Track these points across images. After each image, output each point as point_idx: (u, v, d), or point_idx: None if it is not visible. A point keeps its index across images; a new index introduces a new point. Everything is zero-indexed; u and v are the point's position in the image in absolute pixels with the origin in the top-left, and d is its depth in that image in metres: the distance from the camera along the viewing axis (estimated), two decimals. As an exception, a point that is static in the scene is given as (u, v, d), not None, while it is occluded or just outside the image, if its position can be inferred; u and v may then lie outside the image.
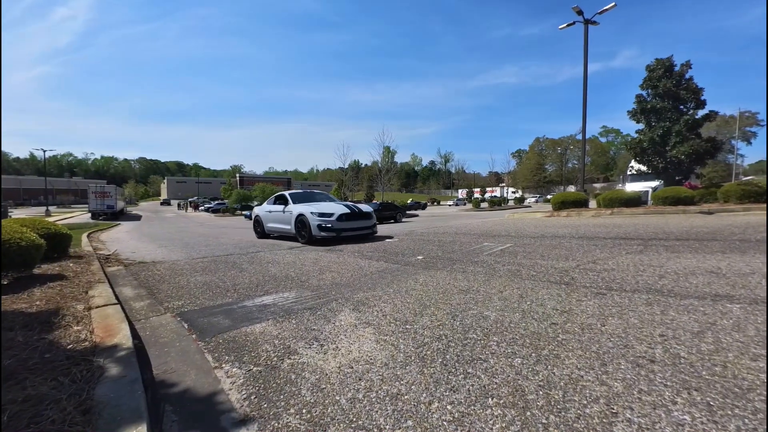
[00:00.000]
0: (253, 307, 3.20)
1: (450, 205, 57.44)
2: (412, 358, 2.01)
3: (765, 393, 1.48)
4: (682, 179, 21.18)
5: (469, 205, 46.98)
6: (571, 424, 1.39)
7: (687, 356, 1.91)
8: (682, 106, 20.98)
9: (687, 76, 20.78)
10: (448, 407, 1.54)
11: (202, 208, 53.41)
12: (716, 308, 2.56)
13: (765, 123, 54.43)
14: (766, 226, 5.92)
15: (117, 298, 3.53)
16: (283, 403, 1.66)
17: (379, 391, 1.69)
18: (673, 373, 1.74)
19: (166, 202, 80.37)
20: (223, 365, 2.10)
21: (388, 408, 1.56)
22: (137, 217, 36.83)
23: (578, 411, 1.47)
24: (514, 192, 72.77)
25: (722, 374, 1.72)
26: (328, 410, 1.58)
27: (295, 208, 8.66)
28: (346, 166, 35.18)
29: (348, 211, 8.28)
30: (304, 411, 1.59)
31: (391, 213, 21.09)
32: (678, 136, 20.45)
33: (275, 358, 2.13)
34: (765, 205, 10.82)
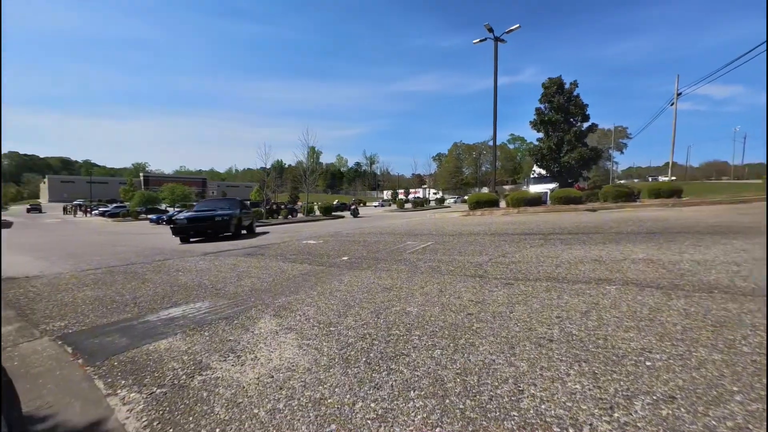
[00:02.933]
0: (157, 322, 2.85)
1: (375, 206, 58.45)
2: (336, 360, 1.98)
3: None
4: (573, 182, 24.54)
5: (394, 206, 48.36)
6: (485, 405, 1.49)
7: (578, 333, 2.19)
8: (572, 119, 24.33)
9: (575, 93, 24.16)
10: (372, 405, 1.54)
11: (96, 212, 46.34)
12: (599, 290, 2.99)
13: (632, 136, 65.81)
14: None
15: (-29, 323, 2.86)
16: (192, 425, 1.50)
17: (302, 398, 1.63)
18: (567, 349, 1.98)
19: (34, 208, 53.06)
20: (119, 391, 1.83)
21: (311, 414, 1.50)
22: (7, 224, 30.51)
23: (491, 392, 1.58)
24: (435, 193, 76.81)
25: (604, 346, 2.00)
26: (245, 425, 1.47)
27: None
28: (269, 166, 33.45)
29: None
30: (217, 430, 1.45)
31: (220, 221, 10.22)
32: (569, 145, 23.66)
33: (184, 376, 1.92)
34: (637, 204, 13.05)
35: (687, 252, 4.22)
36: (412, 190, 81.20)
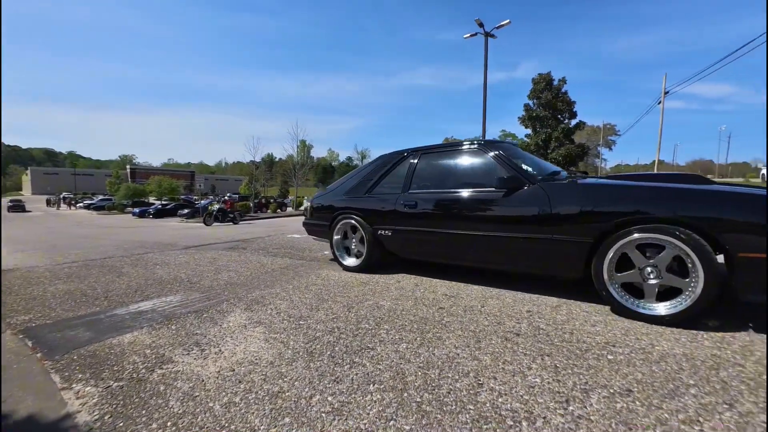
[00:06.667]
0: (125, 315, 2.78)
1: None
2: (301, 353, 1.95)
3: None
4: (561, 179, 24.77)
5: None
6: (443, 398, 1.48)
7: (545, 327, 2.20)
8: (559, 116, 24.50)
9: (563, 90, 24.31)
10: (329, 398, 1.52)
11: (81, 204, 45.38)
12: (573, 285, 3.01)
13: (620, 133, 66.70)
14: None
15: (-70, 316, 2.76)
16: (144, 419, 1.46)
17: (259, 392, 1.60)
18: (533, 343, 1.98)
19: (16, 206, 42.03)
20: (74, 385, 1.78)
21: (266, 408, 1.48)
22: (-15, 217, 29.68)
23: (450, 386, 1.57)
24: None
25: (569, 340, 2.02)
26: (198, 419, 1.44)
27: None
28: (258, 160, 33.08)
29: None
30: (169, 424, 1.42)
31: None
32: (556, 142, 23.86)
33: (143, 370, 1.88)
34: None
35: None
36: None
